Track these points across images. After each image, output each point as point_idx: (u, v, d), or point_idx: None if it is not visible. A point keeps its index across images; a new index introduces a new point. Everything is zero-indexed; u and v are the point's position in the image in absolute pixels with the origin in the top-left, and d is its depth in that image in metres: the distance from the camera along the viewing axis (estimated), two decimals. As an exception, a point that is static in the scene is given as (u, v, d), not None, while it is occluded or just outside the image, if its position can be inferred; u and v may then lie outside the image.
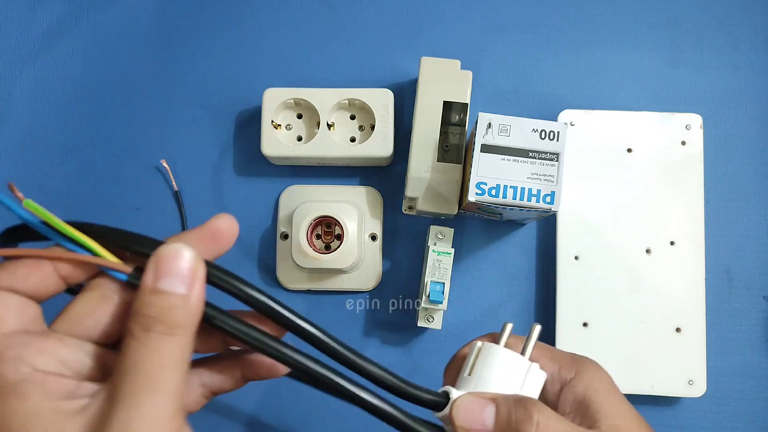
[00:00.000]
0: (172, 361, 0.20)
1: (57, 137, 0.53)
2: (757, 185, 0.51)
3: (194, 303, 0.21)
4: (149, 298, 0.21)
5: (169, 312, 0.20)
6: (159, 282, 0.21)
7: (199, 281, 0.21)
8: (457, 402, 0.25)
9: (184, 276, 0.21)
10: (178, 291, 0.21)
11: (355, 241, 0.48)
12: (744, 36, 0.53)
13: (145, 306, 0.21)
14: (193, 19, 0.54)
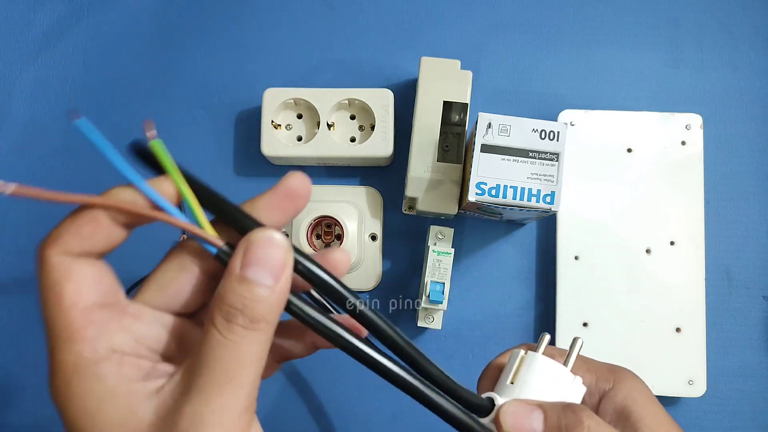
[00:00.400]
0: (251, 357, 0.20)
1: (57, 137, 0.53)
2: (757, 185, 0.51)
3: (280, 296, 0.20)
4: (234, 285, 0.20)
5: (254, 305, 0.20)
6: (247, 270, 0.20)
7: (288, 272, 0.20)
8: (504, 407, 0.25)
9: (274, 266, 0.20)
10: (265, 282, 0.20)
11: (355, 241, 0.48)
12: (744, 36, 0.53)
13: (230, 294, 0.20)
14: (193, 19, 0.54)
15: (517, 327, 0.50)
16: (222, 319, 0.20)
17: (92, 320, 0.20)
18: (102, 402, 0.19)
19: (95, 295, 0.20)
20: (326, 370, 0.50)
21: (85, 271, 0.20)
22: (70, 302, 0.20)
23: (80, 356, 0.19)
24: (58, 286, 0.20)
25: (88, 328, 0.20)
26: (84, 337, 0.19)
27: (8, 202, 0.53)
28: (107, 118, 0.53)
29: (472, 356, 0.50)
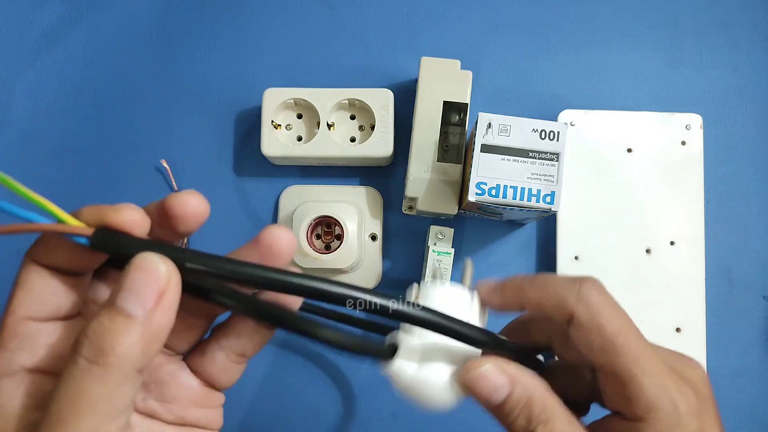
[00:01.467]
0: (92, 397, 0.17)
1: (57, 137, 0.53)
2: (757, 185, 0.51)
3: (148, 331, 0.17)
4: (100, 313, 0.18)
5: (106, 334, 0.17)
6: (117, 295, 0.17)
7: (166, 303, 0.18)
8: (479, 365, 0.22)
9: (142, 294, 0.17)
10: (129, 310, 0.17)
11: (355, 241, 0.48)
12: (744, 36, 0.53)
13: (92, 321, 0.17)
14: (193, 19, 0.54)
15: (517, 327, 0.50)
16: (72, 349, 0.17)
17: (20, 333, 0.19)
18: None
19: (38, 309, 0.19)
20: (326, 370, 0.50)
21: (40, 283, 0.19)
22: (11, 309, 0.19)
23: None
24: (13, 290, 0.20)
25: (12, 340, 0.19)
26: (4, 347, 0.19)
27: (8, 202, 0.53)
28: (107, 118, 0.53)
29: (472, 356, 0.50)
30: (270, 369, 0.51)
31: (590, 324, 0.22)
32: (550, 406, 0.22)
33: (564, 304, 0.22)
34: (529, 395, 0.22)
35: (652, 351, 0.23)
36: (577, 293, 0.22)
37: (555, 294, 0.23)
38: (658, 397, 0.22)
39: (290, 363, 0.50)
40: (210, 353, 0.23)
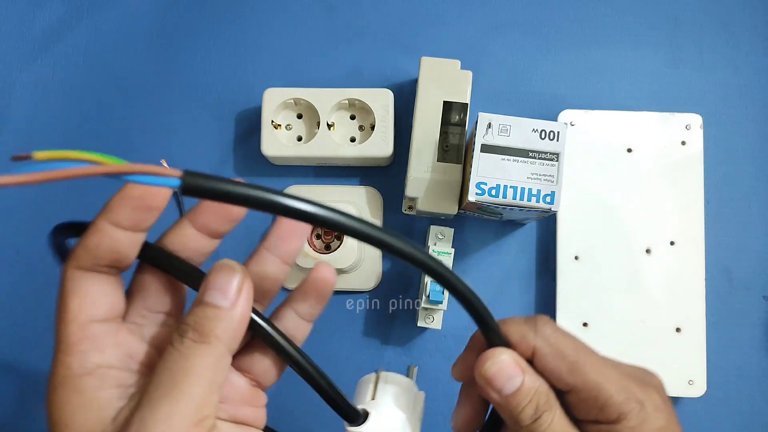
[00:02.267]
0: (198, 368, 0.20)
1: (57, 137, 0.53)
2: (757, 185, 0.51)
3: (234, 316, 0.21)
4: (194, 308, 0.21)
5: (204, 321, 0.21)
6: (204, 294, 0.21)
7: (244, 296, 0.22)
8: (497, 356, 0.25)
9: (225, 289, 0.21)
10: (219, 303, 0.21)
11: (355, 241, 0.48)
12: (744, 36, 0.53)
13: (188, 315, 0.21)
14: (193, 19, 0.54)
15: (517, 327, 0.50)
16: (177, 335, 0.21)
17: (87, 335, 0.21)
18: (76, 413, 0.20)
19: (96, 311, 0.21)
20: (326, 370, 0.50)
21: (91, 287, 0.21)
22: (71, 317, 0.21)
23: (68, 369, 0.21)
24: (65, 300, 0.21)
25: (82, 343, 0.21)
26: (76, 351, 0.21)
27: (8, 203, 0.53)
28: (107, 118, 0.53)
29: (472, 356, 0.50)
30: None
31: (552, 351, 0.25)
32: (553, 397, 0.25)
33: (525, 341, 0.25)
34: (537, 387, 0.24)
35: (612, 364, 0.25)
36: (534, 330, 0.25)
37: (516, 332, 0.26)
38: (627, 400, 0.24)
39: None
40: (259, 353, 0.26)
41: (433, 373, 0.50)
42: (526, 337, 0.25)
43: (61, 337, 0.21)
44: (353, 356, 0.50)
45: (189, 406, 0.20)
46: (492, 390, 0.25)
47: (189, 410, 0.20)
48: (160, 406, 0.20)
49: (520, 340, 0.25)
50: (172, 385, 0.20)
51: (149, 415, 0.19)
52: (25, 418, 0.51)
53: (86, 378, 0.21)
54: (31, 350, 0.51)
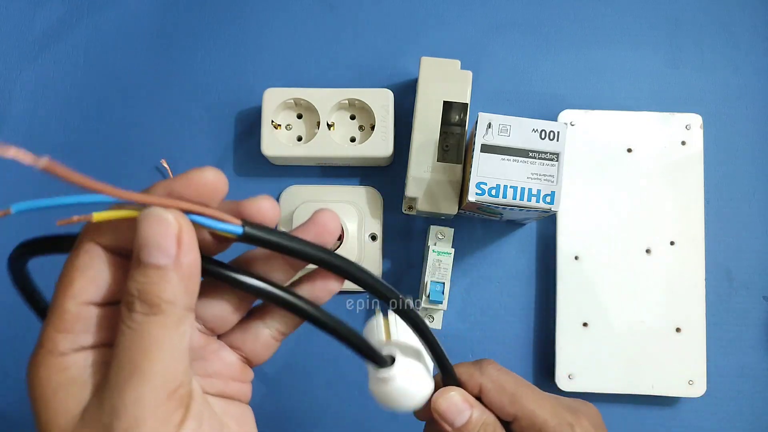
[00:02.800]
0: (158, 343, 0.19)
1: (57, 137, 0.53)
2: (757, 185, 0.51)
3: (181, 273, 0.19)
4: (132, 272, 0.19)
5: (148, 288, 0.19)
6: (140, 253, 0.19)
7: (186, 247, 0.19)
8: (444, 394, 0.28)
9: (162, 245, 0.19)
10: (157, 262, 0.19)
11: (355, 241, 0.48)
12: (744, 36, 0.53)
13: (129, 281, 0.19)
14: (193, 19, 0.54)
15: (517, 327, 0.50)
16: (125, 309, 0.19)
17: (83, 316, 0.20)
18: (57, 390, 0.20)
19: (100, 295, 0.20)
20: (326, 370, 0.50)
21: (102, 268, 0.20)
22: (73, 293, 0.20)
23: (56, 346, 0.20)
24: (72, 273, 0.20)
25: (77, 323, 0.20)
26: (69, 329, 0.20)
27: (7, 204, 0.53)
28: (107, 118, 0.53)
29: (472, 356, 0.50)
30: (270, 368, 0.51)
31: (495, 387, 0.29)
32: (499, 427, 0.29)
33: (473, 380, 0.29)
34: (484, 419, 0.29)
35: (547, 396, 0.30)
36: (480, 370, 0.30)
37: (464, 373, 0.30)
38: (559, 424, 0.28)
39: (290, 363, 0.50)
40: (254, 330, 0.25)
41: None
42: (473, 376, 0.29)
43: (57, 312, 0.20)
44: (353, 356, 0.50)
45: (156, 383, 0.19)
46: (445, 423, 0.28)
47: (157, 388, 0.19)
48: (126, 390, 0.19)
49: (469, 379, 0.29)
50: (132, 367, 0.19)
51: (118, 401, 0.19)
52: (24, 419, 0.51)
53: (72, 356, 0.20)
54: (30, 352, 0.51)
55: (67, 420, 0.19)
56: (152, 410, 0.19)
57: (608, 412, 0.49)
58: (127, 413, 0.19)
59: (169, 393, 0.19)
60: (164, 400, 0.19)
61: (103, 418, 0.19)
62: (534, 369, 0.50)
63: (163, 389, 0.19)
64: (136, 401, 0.19)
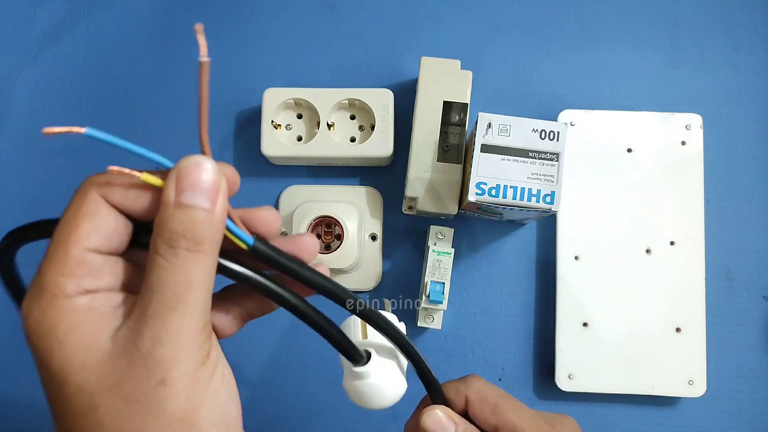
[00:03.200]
0: (199, 278, 0.20)
1: (57, 137, 0.53)
2: (757, 185, 0.51)
3: (218, 217, 0.21)
4: (173, 212, 0.20)
5: (195, 227, 0.20)
6: (182, 195, 0.20)
7: (223, 195, 0.21)
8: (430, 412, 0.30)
9: (208, 189, 0.21)
10: (202, 205, 0.20)
11: (355, 241, 0.48)
12: (744, 36, 0.53)
13: (170, 220, 0.20)
14: (193, 19, 0.54)
15: (517, 327, 0.50)
16: (166, 246, 0.20)
17: (86, 262, 0.21)
18: (71, 329, 0.20)
19: (102, 241, 0.21)
20: (326, 369, 0.50)
21: (109, 220, 0.21)
22: (77, 239, 0.20)
23: (61, 290, 0.20)
24: (78, 219, 0.21)
25: (79, 268, 0.20)
26: (73, 273, 0.20)
27: (7, 203, 0.53)
28: (107, 118, 0.53)
29: (472, 356, 0.50)
30: (270, 366, 0.51)
31: (479, 398, 0.31)
32: None
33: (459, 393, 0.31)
34: None
35: (528, 410, 0.31)
36: (465, 383, 0.32)
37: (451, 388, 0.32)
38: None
39: (290, 362, 0.50)
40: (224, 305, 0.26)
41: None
42: (459, 390, 0.32)
43: (59, 256, 0.20)
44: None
45: (196, 315, 0.21)
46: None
47: (196, 320, 0.21)
48: (168, 320, 0.20)
49: (456, 395, 0.32)
50: (177, 299, 0.20)
51: (162, 330, 0.20)
52: (22, 416, 0.51)
53: (77, 298, 0.21)
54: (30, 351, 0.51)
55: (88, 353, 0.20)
56: (191, 339, 0.20)
57: (608, 412, 0.49)
58: (170, 341, 0.20)
59: (203, 326, 0.21)
60: (199, 331, 0.21)
61: (141, 346, 0.20)
62: (534, 369, 0.50)
63: (201, 320, 0.21)
64: (179, 330, 0.20)
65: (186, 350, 0.20)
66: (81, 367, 0.20)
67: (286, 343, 0.51)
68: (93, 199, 0.21)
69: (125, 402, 0.20)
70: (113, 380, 0.20)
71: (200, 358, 0.21)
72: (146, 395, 0.20)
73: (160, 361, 0.20)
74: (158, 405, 0.20)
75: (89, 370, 0.20)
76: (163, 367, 0.20)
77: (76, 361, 0.20)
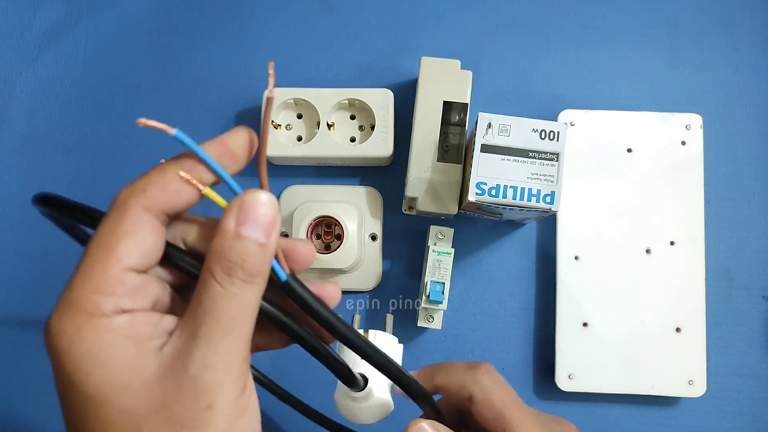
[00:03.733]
0: (250, 307, 0.21)
1: (57, 137, 0.53)
2: (757, 185, 0.51)
3: (271, 251, 0.21)
4: (231, 242, 0.21)
5: (250, 259, 0.21)
6: (242, 227, 0.21)
7: (277, 230, 0.22)
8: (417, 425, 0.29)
9: (266, 225, 0.21)
10: (259, 239, 0.21)
11: (355, 241, 0.48)
12: (744, 36, 0.53)
13: (228, 250, 0.21)
14: (193, 19, 0.54)
15: (517, 327, 0.50)
16: (222, 273, 0.21)
17: (125, 281, 0.20)
18: (112, 349, 0.20)
19: (141, 260, 0.21)
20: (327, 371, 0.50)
21: (149, 234, 0.21)
22: (119, 257, 0.20)
23: (98, 308, 0.20)
24: (119, 236, 0.20)
25: (119, 287, 0.20)
26: (112, 292, 0.20)
27: (7, 203, 0.53)
28: (107, 118, 0.53)
29: (472, 356, 0.50)
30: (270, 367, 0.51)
31: (484, 401, 0.30)
32: None
33: (464, 388, 0.30)
34: None
35: (531, 416, 0.30)
36: (473, 378, 0.30)
37: (456, 380, 0.31)
38: None
39: (289, 361, 0.50)
40: None
41: (433, 373, 0.50)
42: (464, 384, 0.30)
43: (97, 274, 0.20)
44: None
45: (243, 344, 0.21)
46: None
47: (243, 348, 0.21)
48: (221, 345, 0.20)
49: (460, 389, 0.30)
50: (230, 326, 0.20)
51: (212, 354, 0.20)
52: (22, 416, 0.51)
53: (114, 318, 0.20)
54: (30, 350, 0.51)
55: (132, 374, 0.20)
56: (237, 366, 0.21)
57: (608, 412, 0.49)
58: (221, 366, 0.20)
59: (247, 354, 0.22)
60: (245, 359, 0.21)
61: (191, 368, 0.20)
62: (534, 369, 0.50)
63: (246, 349, 0.21)
64: (229, 356, 0.20)
65: (231, 376, 0.21)
66: (124, 388, 0.20)
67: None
68: (135, 214, 0.21)
69: (169, 425, 0.20)
70: (160, 402, 0.20)
71: (242, 385, 0.21)
72: (193, 419, 0.20)
73: (209, 386, 0.20)
74: (202, 429, 0.20)
75: (133, 392, 0.20)
76: (211, 391, 0.20)
77: (119, 383, 0.20)
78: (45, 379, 0.21)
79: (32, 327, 0.51)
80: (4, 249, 0.52)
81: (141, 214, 0.21)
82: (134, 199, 0.21)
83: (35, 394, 0.51)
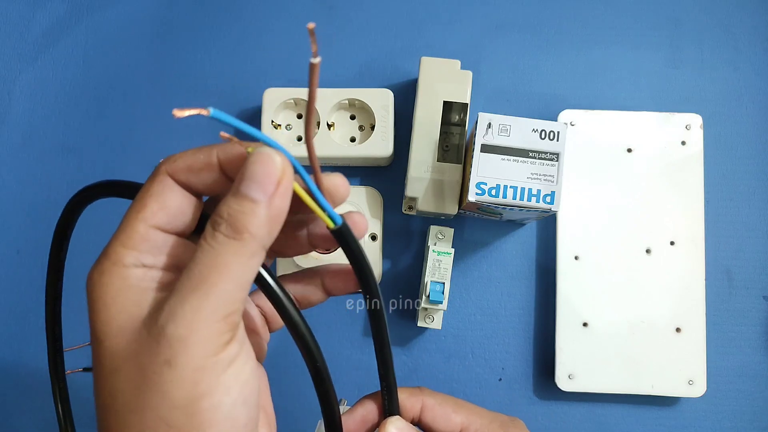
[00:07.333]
0: (230, 265, 0.20)
1: (57, 137, 0.53)
2: (757, 185, 0.51)
3: (270, 212, 0.21)
4: (228, 198, 0.21)
5: (238, 215, 0.20)
6: (240, 184, 0.21)
7: (283, 190, 0.21)
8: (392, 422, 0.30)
9: (264, 183, 0.20)
10: (254, 196, 0.20)
11: (355, 241, 0.48)
12: (744, 36, 0.53)
13: (221, 205, 0.21)
14: (193, 19, 0.54)
15: (517, 327, 0.50)
16: (209, 227, 0.21)
17: (149, 238, 0.22)
18: (117, 295, 0.21)
19: (166, 220, 0.22)
20: (326, 370, 0.50)
21: (174, 199, 0.22)
22: (145, 215, 0.21)
23: (120, 259, 0.21)
24: (146, 198, 0.22)
25: (142, 243, 0.21)
26: (135, 247, 0.21)
27: (7, 203, 0.53)
28: (107, 118, 0.53)
29: (472, 356, 0.50)
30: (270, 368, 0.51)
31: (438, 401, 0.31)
32: None
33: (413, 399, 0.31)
34: None
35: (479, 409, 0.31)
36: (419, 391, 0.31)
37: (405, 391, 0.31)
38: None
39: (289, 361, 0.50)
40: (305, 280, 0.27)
41: (433, 373, 0.50)
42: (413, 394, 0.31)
43: (127, 230, 0.21)
44: (353, 356, 0.50)
45: (217, 301, 0.20)
46: None
47: (216, 305, 0.20)
48: (188, 299, 0.20)
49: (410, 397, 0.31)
50: (201, 280, 0.20)
51: (178, 307, 0.20)
52: (23, 415, 0.51)
53: (133, 269, 0.21)
54: (30, 350, 0.51)
55: (127, 319, 0.21)
56: (206, 323, 0.20)
57: (608, 412, 0.49)
58: (184, 319, 0.20)
59: (224, 314, 0.20)
60: (219, 319, 0.20)
61: (159, 319, 0.20)
62: (534, 369, 0.50)
63: (221, 309, 0.20)
64: (195, 311, 0.20)
65: (199, 334, 0.20)
66: (117, 331, 0.21)
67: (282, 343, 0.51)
68: (161, 180, 0.22)
69: (139, 374, 0.20)
70: (135, 350, 0.20)
71: (214, 347, 0.20)
72: (154, 372, 0.20)
73: (170, 340, 0.20)
74: (162, 385, 0.20)
75: (122, 336, 0.21)
76: (172, 346, 0.20)
77: (115, 325, 0.21)
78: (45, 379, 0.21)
79: (32, 327, 0.51)
80: (4, 249, 0.52)
81: (167, 180, 0.22)
82: (164, 165, 0.22)
83: (35, 393, 0.51)
